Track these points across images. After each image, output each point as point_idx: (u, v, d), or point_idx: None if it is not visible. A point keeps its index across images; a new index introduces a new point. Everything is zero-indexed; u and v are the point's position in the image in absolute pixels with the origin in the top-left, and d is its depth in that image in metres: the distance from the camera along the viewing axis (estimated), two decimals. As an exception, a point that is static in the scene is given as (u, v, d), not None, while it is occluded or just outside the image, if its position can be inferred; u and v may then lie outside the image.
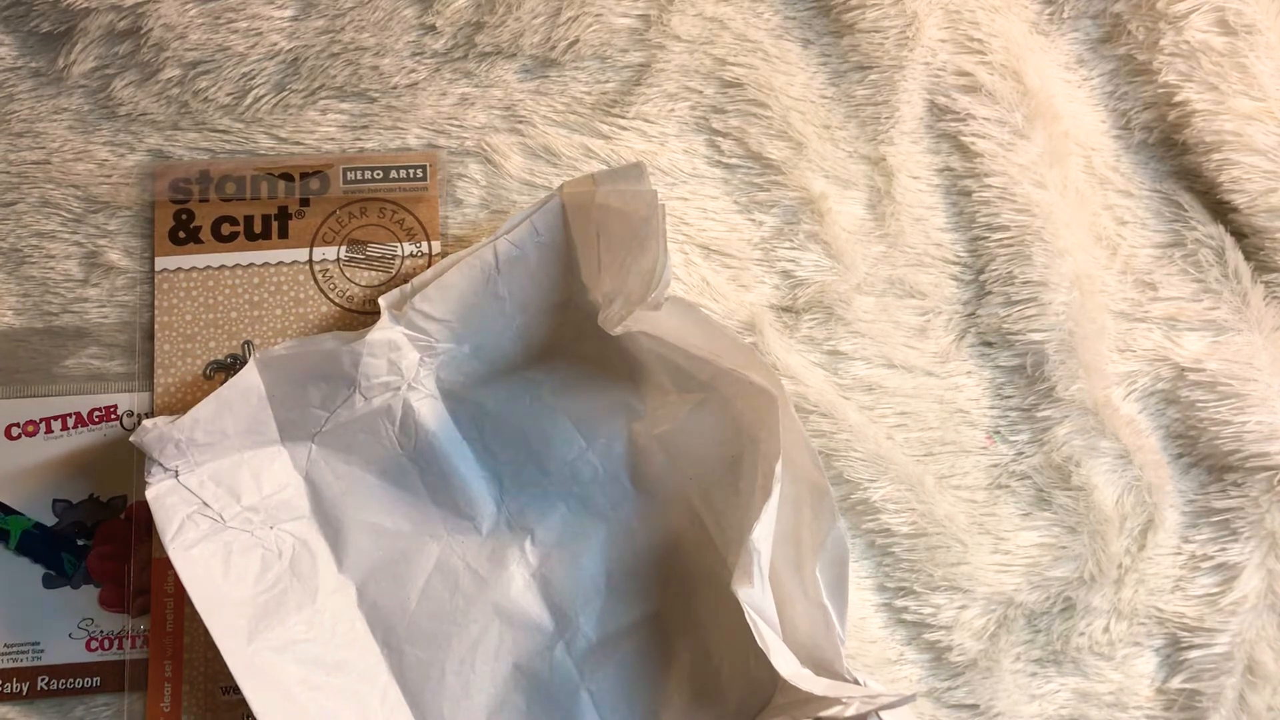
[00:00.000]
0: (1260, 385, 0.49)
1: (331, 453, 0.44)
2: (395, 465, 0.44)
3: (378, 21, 0.49)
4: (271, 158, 0.48)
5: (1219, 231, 0.51)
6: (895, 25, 0.50)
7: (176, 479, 0.41)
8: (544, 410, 0.45)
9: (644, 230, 0.39)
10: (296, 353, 0.42)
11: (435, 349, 0.44)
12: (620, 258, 0.40)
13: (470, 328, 0.44)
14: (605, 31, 0.49)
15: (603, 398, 0.45)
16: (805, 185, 0.49)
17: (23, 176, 0.47)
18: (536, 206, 0.43)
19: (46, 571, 0.45)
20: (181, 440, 0.41)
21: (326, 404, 0.43)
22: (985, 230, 0.50)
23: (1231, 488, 0.49)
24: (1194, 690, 0.48)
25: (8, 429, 0.45)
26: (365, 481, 0.44)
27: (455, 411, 0.45)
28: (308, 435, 0.44)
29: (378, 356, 0.43)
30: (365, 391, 0.43)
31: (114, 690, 0.44)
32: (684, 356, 0.42)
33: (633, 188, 0.41)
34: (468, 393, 0.45)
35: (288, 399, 0.43)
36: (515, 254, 0.43)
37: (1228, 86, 0.50)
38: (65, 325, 0.47)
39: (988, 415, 0.49)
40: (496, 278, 0.43)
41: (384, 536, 0.44)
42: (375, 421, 0.44)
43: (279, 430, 0.43)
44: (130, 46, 0.48)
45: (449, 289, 0.43)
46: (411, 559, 0.44)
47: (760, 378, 0.40)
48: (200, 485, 0.41)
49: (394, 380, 0.43)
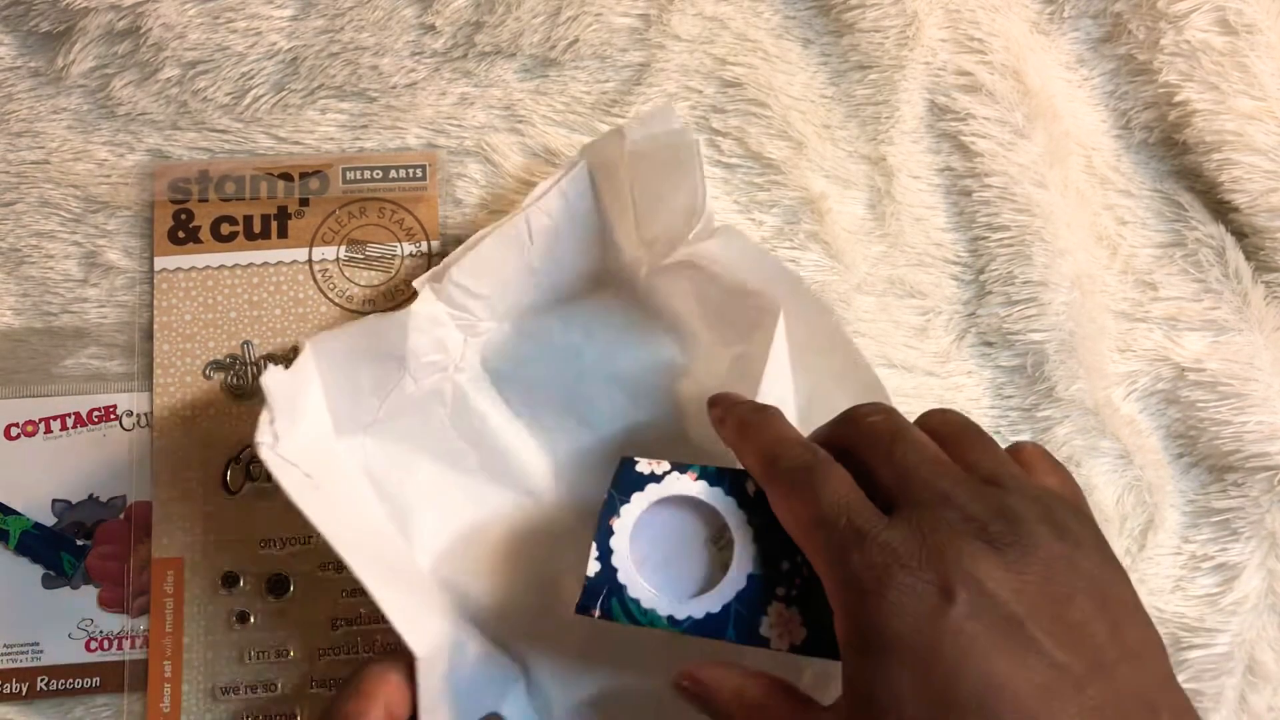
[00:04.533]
0: (1261, 385, 0.49)
1: (386, 443, 0.44)
2: (451, 449, 0.44)
3: (377, 21, 0.49)
4: (271, 157, 0.48)
5: (1219, 231, 0.51)
6: (895, 25, 0.50)
7: (274, 449, 0.38)
8: (589, 377, 0.45)
9: (679, 168, 0.39)
10: (345, 334, 0.41)
11: (477, 328, 0.44)
12: (658, 201, 0.40)
13: (508, 304, 0.44)
14: (605, 31, 0.49)
15: (646, 358, 0.45)
16: (805, 185, 0.49)
17: (22, 176, 0.47)
18: (564, 171, 0.43)
19: (46, 572, 0.45)
20: (291, 400, 0.39)
21: (378, 389, 0.42)
22: (985, 230, 0.50)
23: (1232, 488, 0.49)
24: (1194, 690, 0.48)
25: (7, 429, 0.45)
26: (423, 470, 0.44)
27: (504, 389, 0.45)
28: (361, 428, 0.43)
29: (423, 332, 0.42)
30: (414, 373, 0.43)
31: (113, 691, 0.44)
32: (729, 293, 0.41)
33: (664, 129, 0.41)
34: (513, 370, 0.45)
35: (340, 387, 0.42)
36: (546, 223, 0.42)
37: (1228, 86, 0.50)
38: (64, 325, 0.47)
39: (988, 415, 0.49)
40: (530, 248, 0.43)
41: (447, 521, 0.44)
42: (427, 406, 0.44)
43: (333, 424, 0.42)
44: (129, 46, 0.48)
45: (485, 262, 0.42)
46: (478, 539, 0.44)
47: (808, 303, 0.40)
48: (298, 456, 0.39)
49: (441, 359, 0.43)
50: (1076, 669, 0.28)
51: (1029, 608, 0.29)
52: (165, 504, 0.45)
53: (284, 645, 0.45)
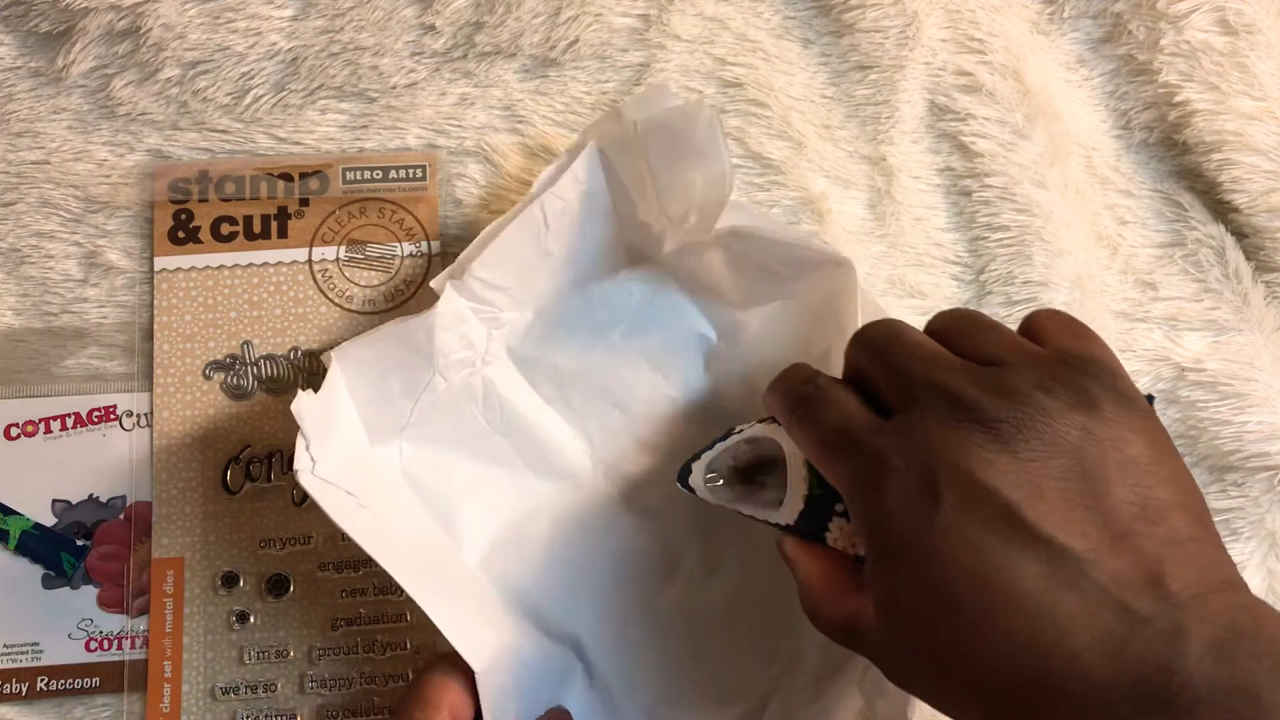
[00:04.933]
0: (1261, 385, 0.49)
1: (422, 446, 0.44)
2: (488, 443, 0.44)
3: (377, 21, 0.49)
4: (271, 158, 0.48)
5: (1219, 231, 0.51)
6: (895, 25, 0.50)
7: (313, 473, 0.39)
8: (617, 356, 0.45)
9: (703, 139, 0.39)
10: (371, 340, 0.41)
11: (500, 319, 0.44)
12: (681, 174, 0.40)
13: (529, 292, 0.44)
14: (605, 31, 0.49)
15: (674, 331, 0.45)
16: (805, 185, 0.49)
17: (22, 176, 0.47)
18: (572, 155, 0.43)
19: (46, 572, 0.45)
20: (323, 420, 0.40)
21: (409, 392, 0.42)
22: (985, 230, 0.50)
23: (1232, 488, 0.49)
24: (1194, 691, 0.48)
25: (7, 429, 0.45)
26: (461, 467, 0.44)
27: (533, 377, 0.45)
28: (395, 432, 0.43)
29: (449, 330, 0.42)
30: (444, 371, 0.43)
31: (113, 691, 0.44)
32: (768, 247, 0.41)
33: (667, 104, 0.41)
34: (541, 356, 0.45)
35: (371, 394, 0.42)
36: (561, 207, 0.42)
37: (1228, 86, 0.50)
38: (64, 325, 0.47)
39: (988, 415, 0.49)
40: (545, 234, 0.43)
41: (493, 516, 0.44)
42: (459, 404, 0.44)
43: (367, 433, 0.42)
44: (129, 46, 0.48)
45: (504, 253, 0.42)
46: (524, 530, 0.44)
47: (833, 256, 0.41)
48: (336, 475, 0.40)
49: (468, 355, 0.43)
50: (1080, 548, 0.27)
51: (1027, 492, 0.27)
52: (165, 504, 0.45)
53: (284, 645, 0.45)
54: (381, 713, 0.45)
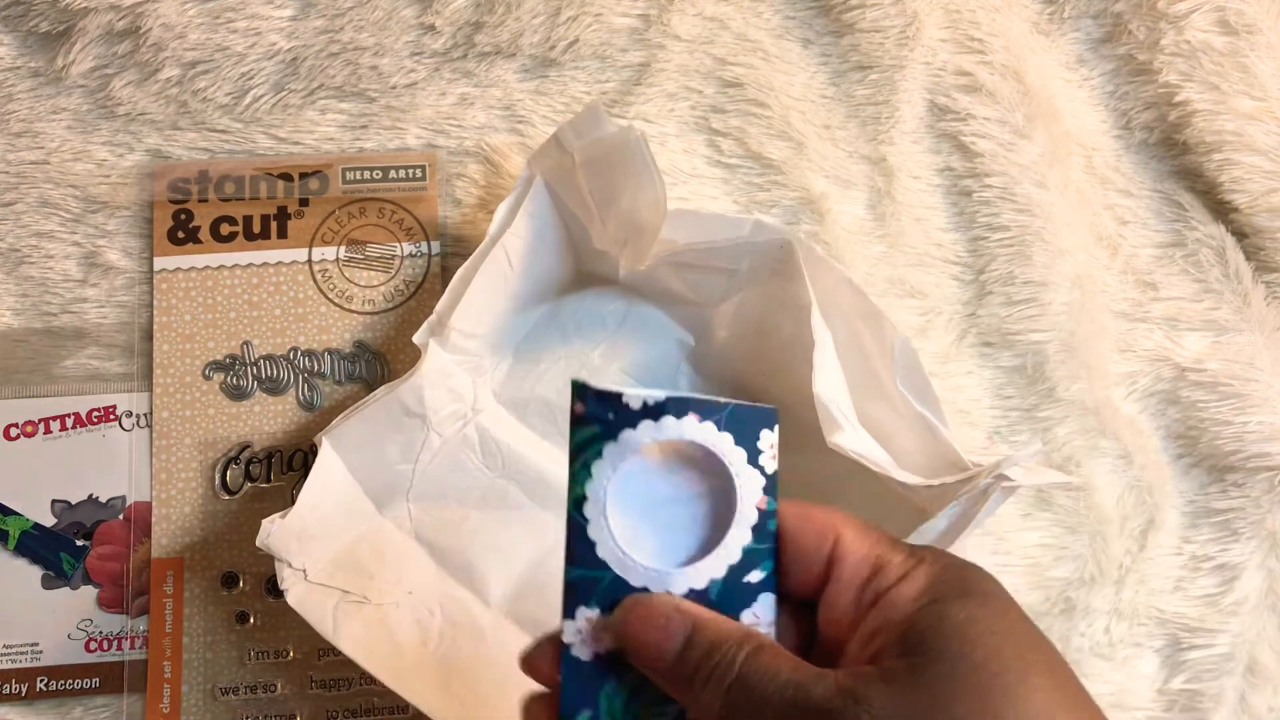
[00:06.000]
0: (1261, 385, 0.49)
1: (429, 505, 0.44)
2: (492, 489, 0.45)
3: (377, 21, 0.48)
4: (270, 158, 0.48)
5: (1220, 231, 0.51)
6: (895, 25, 0.50)
7: (306, 580, 0.41)
8: (599, 377, 0.45)
9: (634, 165, 0.39)
10: (363, 415, 0.42)
11: (482, 366, 0.44)
12: (620, 201, 0.41)
13: (504, 335, 0.44)
14: (605, 31, 0.49)
15: (651, 343, 0.46)
16: (805, 185, 0.49)
17: (21, 176, 0.47)
18: (522, 192, 0.43)
19: (45, 572, 0.45)
20: (300, 533, 0.41)
21: (408, 455, 0.43)
22: (986, 230, 0.50)
23: (1232, 488, 0.49)
24: (1195, 691, 0.48)
25: (6, 429, 0.45)
26: (472, 518, 0.44)
27: (524, 416, 0.45)
28: (401, 497, 0.44)
29: (437, 387, 0.43)
30: (437, 428, 0.43)
31: (113, 691, 0.44)
32: (707, 255, 0.42)
33: (600, 131, 0.41)
34: (527, 394, 0.45)
35: (371, 467, 0.43)
36: (521, 246, 0.43)
37: (1228, 86, 0.50)
38: (64, 325, 0.47)
39: (988, 415, 0.49)
40: (511, 276, 0.43)
41: (513, 559, 0.44)
42: (457, 456, 0.44)
43: (374, 504, 0.43)
44: (129, 46, 0.48)
45: (475, 302, 0.43)
46: (546, 566, 0.44)
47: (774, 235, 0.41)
48: (331, 577, 0.41)
49: (459, 408, 0.44)
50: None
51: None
52: (165, 504, 0.45)
53: (284, 645, 0.45)
54: (381, 713, 0.45)
